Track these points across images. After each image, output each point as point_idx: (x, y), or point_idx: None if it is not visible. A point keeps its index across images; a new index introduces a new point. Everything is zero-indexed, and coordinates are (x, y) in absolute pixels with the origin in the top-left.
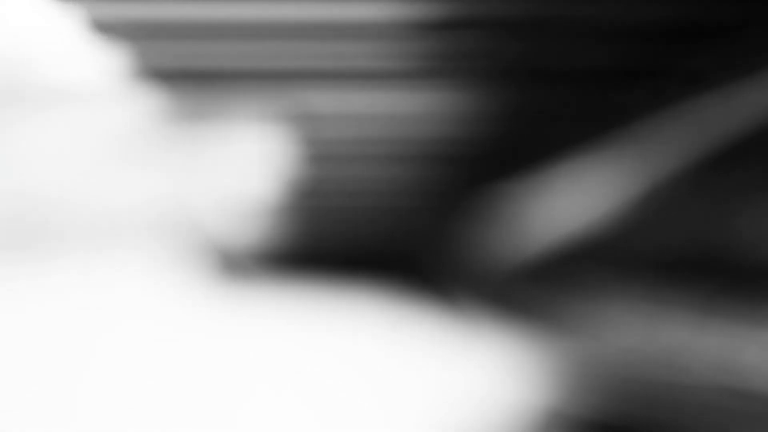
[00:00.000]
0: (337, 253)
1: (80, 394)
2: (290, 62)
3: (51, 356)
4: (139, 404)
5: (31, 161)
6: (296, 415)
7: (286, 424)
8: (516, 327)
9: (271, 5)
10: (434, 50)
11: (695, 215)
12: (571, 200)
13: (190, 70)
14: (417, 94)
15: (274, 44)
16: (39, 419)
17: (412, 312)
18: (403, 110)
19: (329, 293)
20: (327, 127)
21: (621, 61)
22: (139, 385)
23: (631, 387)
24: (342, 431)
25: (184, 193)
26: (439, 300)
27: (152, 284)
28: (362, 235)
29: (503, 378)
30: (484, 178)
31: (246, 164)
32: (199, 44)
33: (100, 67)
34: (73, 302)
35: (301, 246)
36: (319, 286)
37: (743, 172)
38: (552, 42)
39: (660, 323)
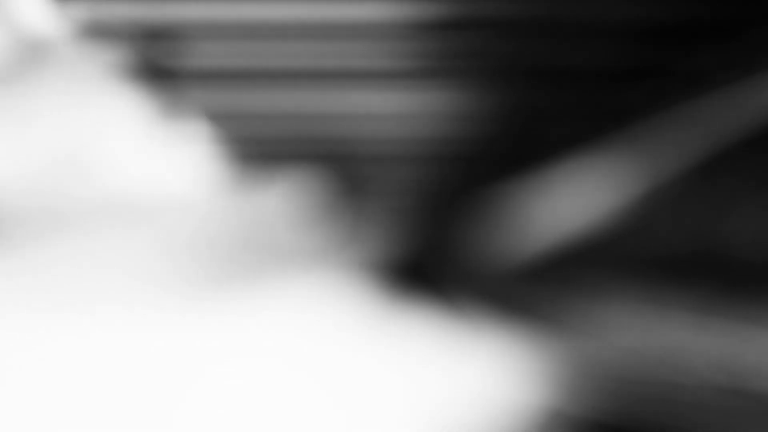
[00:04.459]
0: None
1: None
2: (290, 62)
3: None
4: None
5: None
6: (297, 416)
7: (288, 425)
8: (516, 327)
9: (272, 5)
10: (434, 50)
11: (695, 215)
12: (571, 200)
13: (190, 70)
14: (417, 94)
15: (274, 44)
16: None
17: (411, 312)
18: (403, 110)
19: (329, 292)
20: (326, 127)
21: (621, 61)
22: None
23: (631, 387)
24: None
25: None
26: (438, 300)
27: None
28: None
29: (503, 378)
30: (484, 178)
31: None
32: (198, 44)
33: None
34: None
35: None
36: (318, 286)
37: (743, 172)
38: (552, 42)
39: (660, 323)
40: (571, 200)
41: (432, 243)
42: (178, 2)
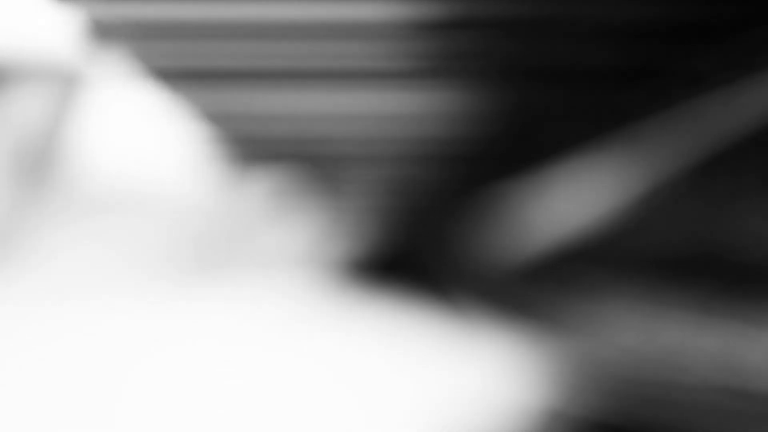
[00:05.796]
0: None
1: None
2: (290, 62)
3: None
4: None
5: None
6: (298, 419)
7: (286, 427)
8: (515, 327)
9: (271, 5)
10: (434, 50)
11: (695, 215)
12: (571, 200)
13: (190, 70)
14: (417, 94)
15: (274, 44)
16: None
17: (411, 312)
18: (403, 110)
19: (328, 293)
20: (326, 127)
21: (621, 61)
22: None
23: (631, 387)
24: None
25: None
26: (438, 300)
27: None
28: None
29: (503, 378)
30: (484, 178)
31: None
32: (199, 44)
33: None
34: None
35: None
36: (318, 286)
37: (743, 172)
38: (552, 42)
39: (659, 323)
40: (571, 200)
41: (432, 243)
42: (178, 2)
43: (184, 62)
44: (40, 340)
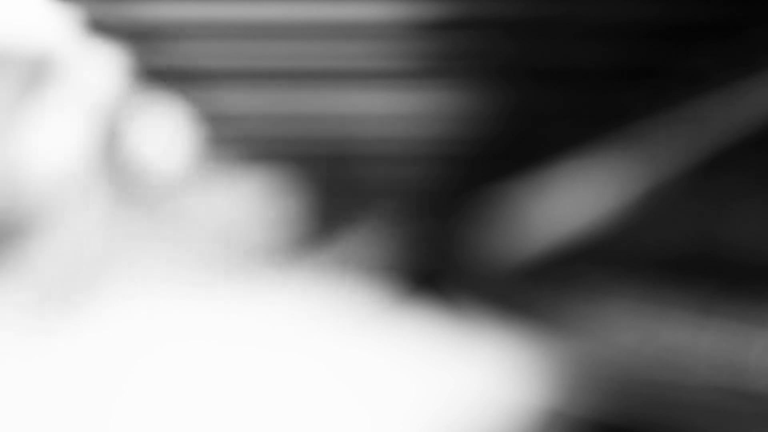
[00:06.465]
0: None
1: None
2: (290, 62)
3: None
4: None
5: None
6: (299, 417)
7: (287, 425)
8: (516, 327)
9: (272, 5)
10: (434, 50)
11: (695, 215)
12: (571, 200)
13: (189, 70)
14: (417, 94)
15: (274, 44)
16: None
17: (412, 311)
18: (403, 110)
19: (328, 292)
20: (326, 127)
21: (621, 61)
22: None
23: (631, 387)
24: (342, 430)
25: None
26: (439, 299)
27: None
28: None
29: (503, 378)
30: (484, 178)
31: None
32: (199, 44)
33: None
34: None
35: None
36: (318, 286)
37: (743, 172)
38: (552, 42)
39: (660, 323)
40: (571, 200)
41: (432, 243)
42: (177, 3)
43: (184, 62)
44: (54, 335)
